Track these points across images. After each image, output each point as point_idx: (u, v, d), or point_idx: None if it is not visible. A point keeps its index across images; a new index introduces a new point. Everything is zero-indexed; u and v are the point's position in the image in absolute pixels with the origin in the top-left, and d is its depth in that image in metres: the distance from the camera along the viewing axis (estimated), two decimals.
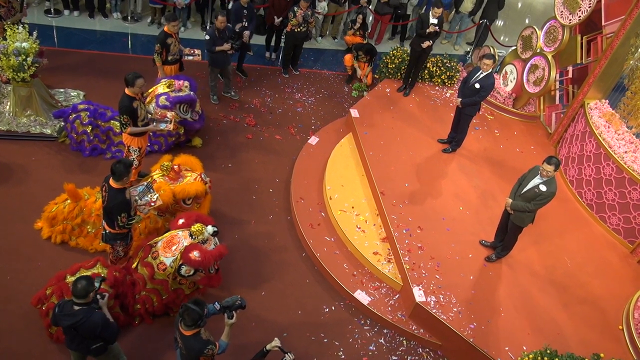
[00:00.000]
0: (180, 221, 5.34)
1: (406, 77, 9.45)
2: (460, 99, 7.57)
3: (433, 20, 8.55)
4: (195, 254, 5.07)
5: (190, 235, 5.19)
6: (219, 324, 4.58)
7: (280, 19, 9.70)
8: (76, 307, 4.15)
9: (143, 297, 5.31)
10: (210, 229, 5.27)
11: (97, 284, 4.24)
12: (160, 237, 5.35)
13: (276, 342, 4.46)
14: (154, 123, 6.67)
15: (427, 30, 8.55)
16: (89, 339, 4.32)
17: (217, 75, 8.77)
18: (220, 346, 4.36)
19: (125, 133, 6.23)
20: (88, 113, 7.05)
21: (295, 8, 9.29)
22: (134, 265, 5.38)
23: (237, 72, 9.68)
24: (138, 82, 5.92)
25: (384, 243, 6.74)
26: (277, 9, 9.68)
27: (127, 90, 5.98)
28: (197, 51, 8.16)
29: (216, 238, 5.38)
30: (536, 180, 5.84)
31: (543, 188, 5.78)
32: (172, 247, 5.17)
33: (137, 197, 5.39)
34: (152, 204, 5.44)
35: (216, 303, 4.52)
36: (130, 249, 5.59)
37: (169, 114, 6.96)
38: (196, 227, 5.20)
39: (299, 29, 9.45)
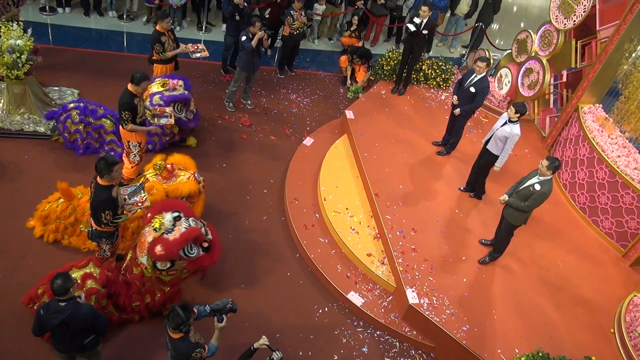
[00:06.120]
0: (149, 215, 5.18)
1: (399, 76, 9.47)
2: (458, 109, 7.56)
3: (417, 20, 8.58)
4: (158, 249, 4.92)
5: (155, 229, 5.03)
6: (211, 325, 4.56)
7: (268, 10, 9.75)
8: (62, 304, 4.14)
9: (146, 289, 5.24)
10: (168, 217, 5.04)
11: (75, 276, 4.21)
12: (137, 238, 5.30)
13: (264, 340, 4.45)
14: (155, 119, 6.76)
15: (409, 31, 8.66)
16: (80, 334, 4.29)
17: (243, 80, 8.65)
18: (210, 349, 4.35)
19: (125, 129, 6.21)
20: (78, 111, 7.02)
21: (292, 12, 9.28)
22: (124, 266, 5.34)
23: (229, 68, 9.68)
24: (143, 84, 6.05)
25: (377, 244, 6.74)
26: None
27: (130, 87, 6.02)
28: (200, 46, 8.12)
29: (188, 219, 5.12)
30: (534, 180, 5.93)
31: (537, 187, 5.86)
32: (143, 245, 5.07)
33: (126, 197, 5.36)
34: (140, 204, 5.40)
35: (207, 306, 4.50)
36: (116, 249, 5.55)
37: (168, 109, 6.99)
38: (155, 220, 5.03)
39: (297, 32, 9.46)
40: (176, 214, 5.09)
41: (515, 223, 6.19)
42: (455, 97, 7.59)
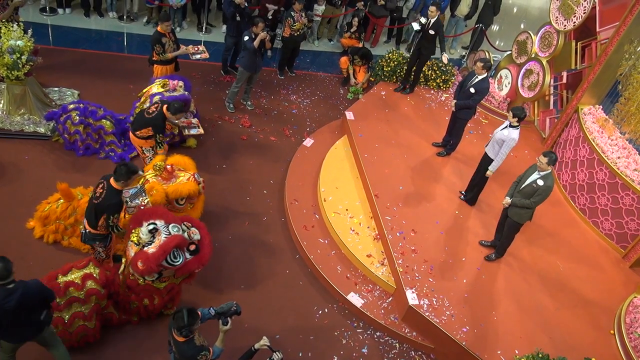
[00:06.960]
0: (131, 227, 5.10)
1: (406, 76, 9.48)
2: (455, 102, 7.61)
3: (422, 20, 8.67)
4: (139, 264, 4.85)
5: (135, 243, 4.96)
6: (215, 328, 4.56)
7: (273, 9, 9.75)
8: (10, 286, 4.13)
9: (144, 294, 5.22)
10: (144, 230, 4.94)
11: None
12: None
13: (265, 341, 4.46)
14: (185, 130, 6.96)
15: (415, 31, 8.95)
16: (36, 310, 4.29)
17: (245, 81, 8.63)
18: (214, 352, 4.35)
19: (159, 152, 6.38)
20: (78, 112, 7.02)
21: (293, 13, 9.27)
22: (120, 270, 5.32)
23: (230, 69, 9.68)
24: (178, 115, 6.28)
25: (377, 245, 6.74)
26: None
27: (165, 111, 6.19)
28: (201, 47, 8.13)
29: (168, 227, 4.97)
30: (534, 176, 5.95)
31: (540, 182, 5.88)
32: (129, 259, 5.02)
33: (127, 199, 5.36)
34: (142, 207, 5.40)
35: (211, 308, 4.51)
36: (111, 250, 5.55)
37: (194, 120, 7.14)
38: (132, 234, 4.96)
39: (298, 33, 9.46)
40: (151, 226, 4.93)
41: (522, 221, 6.21)
42: (454, 101, 7.60)
